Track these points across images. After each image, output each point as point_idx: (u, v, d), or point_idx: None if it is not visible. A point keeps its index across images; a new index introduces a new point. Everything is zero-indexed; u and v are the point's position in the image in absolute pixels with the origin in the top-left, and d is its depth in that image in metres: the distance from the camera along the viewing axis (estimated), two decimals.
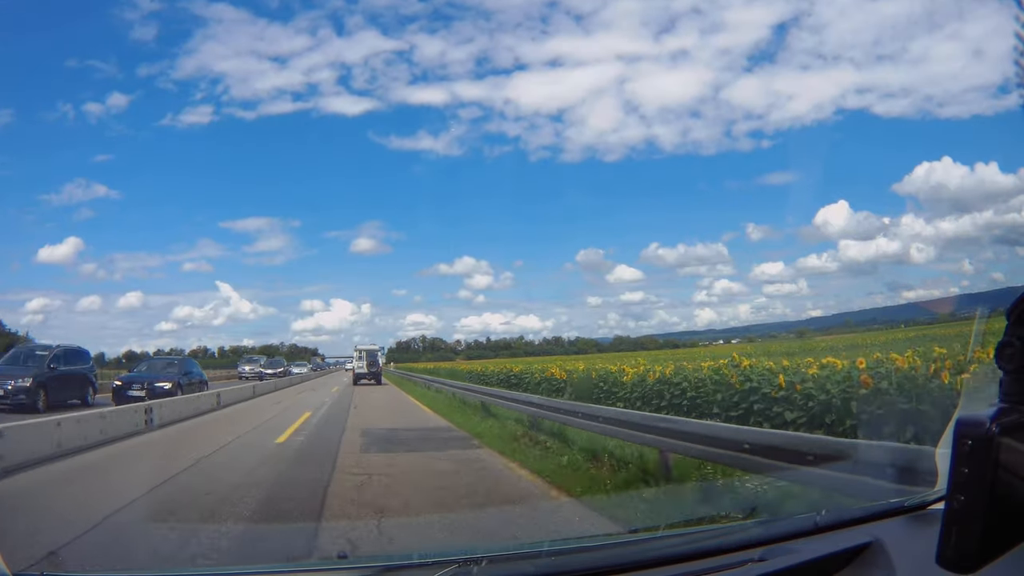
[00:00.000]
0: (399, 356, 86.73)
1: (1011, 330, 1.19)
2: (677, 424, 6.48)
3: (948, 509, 1.18)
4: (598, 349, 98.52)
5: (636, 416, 7.46)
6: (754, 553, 1.87)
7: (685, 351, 62.54)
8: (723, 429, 5.80)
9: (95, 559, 4.16)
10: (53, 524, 4.83)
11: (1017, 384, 1.17)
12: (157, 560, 4.09)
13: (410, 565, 2.07)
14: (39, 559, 3.69)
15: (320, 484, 6.64)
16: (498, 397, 14.67)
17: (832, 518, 2.05)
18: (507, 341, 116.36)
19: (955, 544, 1.16)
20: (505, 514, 5.66)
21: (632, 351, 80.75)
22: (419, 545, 4.79)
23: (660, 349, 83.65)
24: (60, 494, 6.65)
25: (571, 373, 18.54)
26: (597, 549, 2.31)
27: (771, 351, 28.65)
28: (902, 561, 1.70)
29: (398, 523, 5.11)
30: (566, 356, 77.87)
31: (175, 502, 5.88)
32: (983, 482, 1.13)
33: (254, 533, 4.76)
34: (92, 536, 4.50)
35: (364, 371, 37.32)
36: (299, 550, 4.29)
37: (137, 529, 4.84)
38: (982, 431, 1.13)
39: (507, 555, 2.15)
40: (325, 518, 5.23)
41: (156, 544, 4.46)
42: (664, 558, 1.94)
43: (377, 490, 6.43)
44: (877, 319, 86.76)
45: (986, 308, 2.67)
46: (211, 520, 5.02)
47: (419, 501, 6.12)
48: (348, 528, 4.85)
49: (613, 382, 14.04)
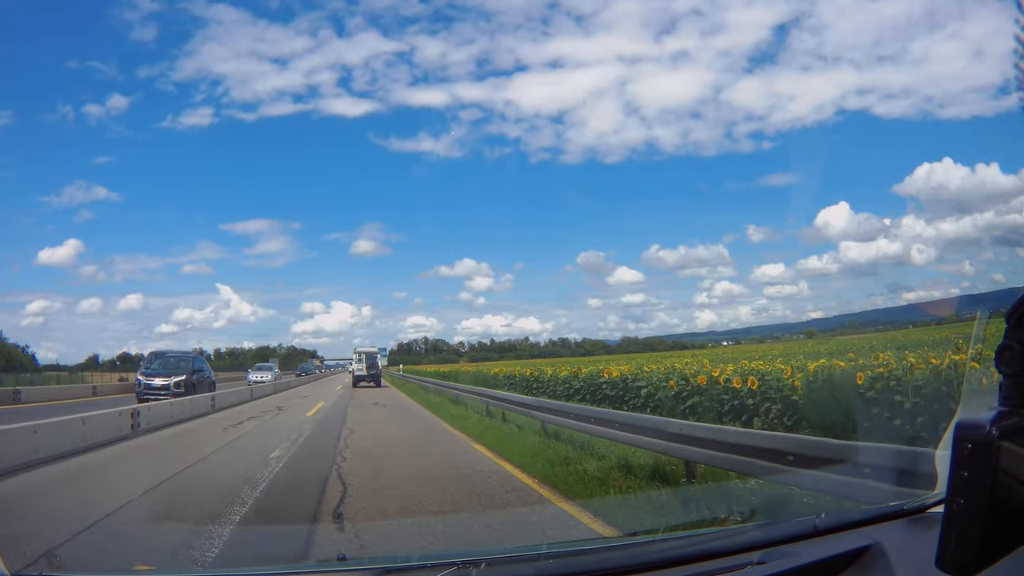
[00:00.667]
0: (401, 358, 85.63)
1: (1010, 334, 1.18)
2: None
3: (947, 512, 1.18)
4: (606, 351, 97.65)
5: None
6: (753, 556, 1.87)
7: (699, 352, 61.38)
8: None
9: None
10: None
11: (1017, 388, 1.17)
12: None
13: (409, 567, 2.07)
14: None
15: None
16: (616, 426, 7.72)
17: (831, 521, 2.05)
18: (511, 343, 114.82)
19: (954, 548, 1.16)
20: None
21: (641, 352, 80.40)
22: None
23: (669, 350, 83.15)
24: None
25: (764, 377, 10.01)
26: (596, 552, 2.31)
27: (791, 351, 26.87)
28: (901, 564, 1.70)
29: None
30: (573, 358, 77.07)
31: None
32: (983, 486, 1.13)
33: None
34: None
35: (363, 373, 37.63)
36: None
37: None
38: (982, 435, 1.13)
39: (506, 557, 2.14)
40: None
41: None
42: (663, 561, 1.93)
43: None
44: (879, 320, 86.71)
45: (986, 310, 2.67)
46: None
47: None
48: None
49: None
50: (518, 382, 24.21)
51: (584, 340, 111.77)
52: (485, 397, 16.16)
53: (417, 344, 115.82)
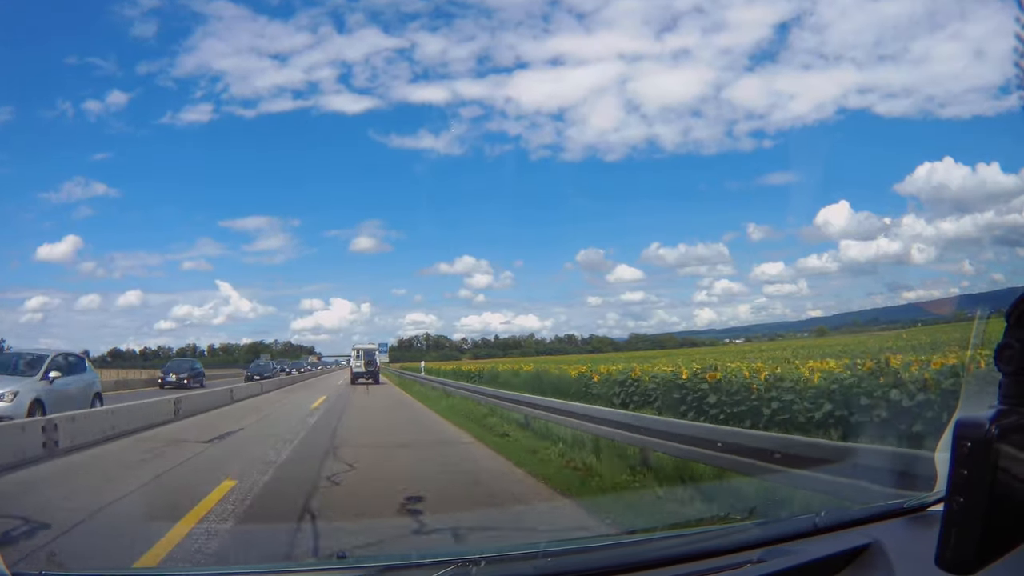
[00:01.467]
0: (401, 355, 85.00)
1: (1010, 332, 1.18)
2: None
3: (947, 511, 1.18)
4: (613, 348, 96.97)
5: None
6: (753, 554, 1.87)
7: (717, 350, 60.19)
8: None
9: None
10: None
11: (1016, 386, 1.17)
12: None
13: (409, 565, 2.07)
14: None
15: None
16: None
17: (831, 519, 2.05)
18: (516, 339, 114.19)
19: (954, 546, 1.15)
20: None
21: (650, 349, 79.64)
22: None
23: (680, 347, 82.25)
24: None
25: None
26: (595, 550, 2.31)
27: (821, 348, 24.34)
28: (901, 563, 1.70)
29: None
30: (580, 355, 75.91)
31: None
32: (982, 484, 1.13)
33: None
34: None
35: (362, 370, 37.35)
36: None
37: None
38: (981, 433, 1.13)
39: (505, 555, 2.14)
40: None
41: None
42: (662, 559, 1.93)
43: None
44: (879, 319, 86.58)
45: (986, 309, 2.66)
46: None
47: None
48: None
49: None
50: (598, 388, 17.15)
51: (591, 337, 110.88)
52: (586, 420, 8.83)
53: (418, 340, 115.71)
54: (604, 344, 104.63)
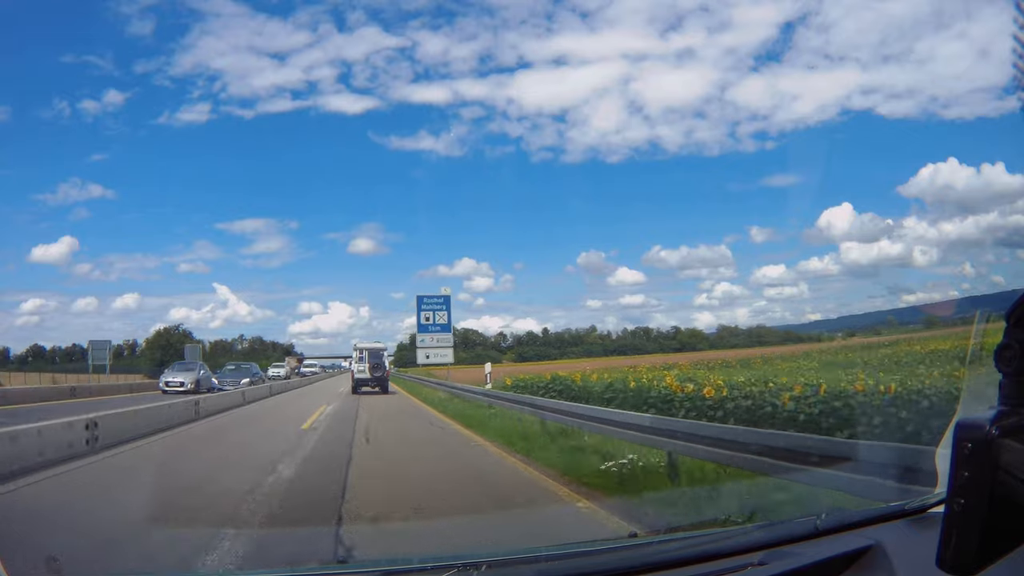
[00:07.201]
0: (405, 357, 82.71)
1: (1010, 333, 1.19)
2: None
3: (948, 512, 1.18)
4: (709, 345, 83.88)
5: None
6: (754, 557, 1.87)
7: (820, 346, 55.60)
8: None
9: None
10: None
11: (1016, 387, 1.17)
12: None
13: (410, 569, 2.07)
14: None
15: None
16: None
17: (832, 521, 2.05)
18: (574, 334, 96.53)
19: (955, 547, 1.16)
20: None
21: (746, 347, 70.89)
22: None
23: (783, 343, 73.89)
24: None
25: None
26: (596, 553, 2.31)
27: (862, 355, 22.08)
28: (902, 565, 1.70)
29: None
30: (664, 354, 65.36)
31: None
32: (983, 485, 1.13)
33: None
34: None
35: (366, 376, 27.90)
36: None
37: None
38: (982, 434, 1.13)
39: (507, 559, 2.14)
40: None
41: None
42: (664, 562, 1.93)
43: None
44: (881, 322, 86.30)
45: (986, 311, 2.67)
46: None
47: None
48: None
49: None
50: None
51: (675, 330, 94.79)
52: None
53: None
54: (696, 339, 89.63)
